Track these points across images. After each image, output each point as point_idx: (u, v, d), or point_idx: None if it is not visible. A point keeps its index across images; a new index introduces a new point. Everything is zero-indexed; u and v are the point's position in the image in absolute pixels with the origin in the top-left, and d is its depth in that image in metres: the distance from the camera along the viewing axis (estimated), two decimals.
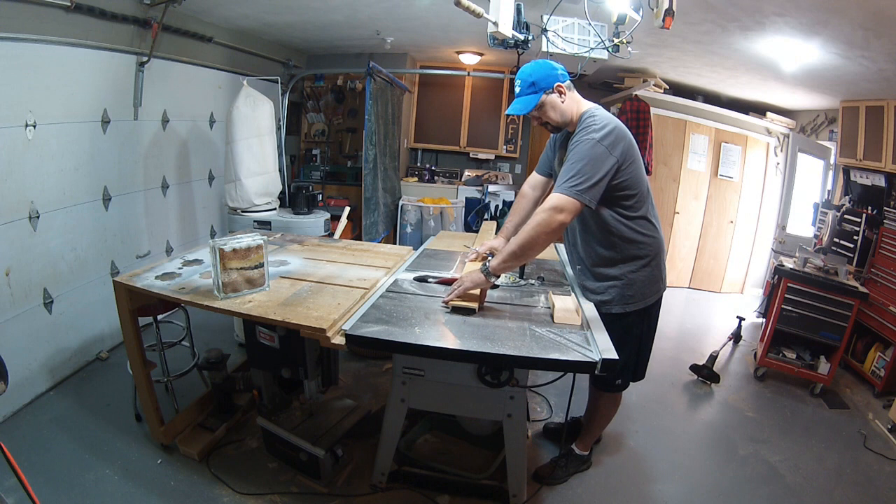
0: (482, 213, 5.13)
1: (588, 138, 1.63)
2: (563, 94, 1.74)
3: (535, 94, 1.73)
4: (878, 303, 3.16)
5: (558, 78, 1.74)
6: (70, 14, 2.41)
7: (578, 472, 2.20)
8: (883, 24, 2.38)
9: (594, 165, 1.60)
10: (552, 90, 1.73)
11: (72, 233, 2.69)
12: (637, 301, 1.83)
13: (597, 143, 1.61)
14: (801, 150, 4.81)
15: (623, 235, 1.77)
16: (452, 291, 1.72)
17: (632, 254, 1.79)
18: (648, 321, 1.91)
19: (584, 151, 1.62)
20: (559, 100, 1.74)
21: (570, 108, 1.77)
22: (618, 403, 2.12)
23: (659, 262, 1.86)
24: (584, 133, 1.66)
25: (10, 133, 2.28)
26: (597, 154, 1.61)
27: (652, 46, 3.53)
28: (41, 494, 1.38)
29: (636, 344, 1.91)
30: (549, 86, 1.73)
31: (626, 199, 1.73)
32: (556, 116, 1.77)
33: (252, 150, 3.21)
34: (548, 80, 1.73)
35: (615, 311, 1.83)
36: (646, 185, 1.78)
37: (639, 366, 1.98)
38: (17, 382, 2.35)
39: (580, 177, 1.59)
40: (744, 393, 3.12)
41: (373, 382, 2.83)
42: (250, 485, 1.98)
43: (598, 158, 1.61)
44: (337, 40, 4.55)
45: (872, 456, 2.53)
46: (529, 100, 1.74)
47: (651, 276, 1.83)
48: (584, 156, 1.61)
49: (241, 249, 1.77)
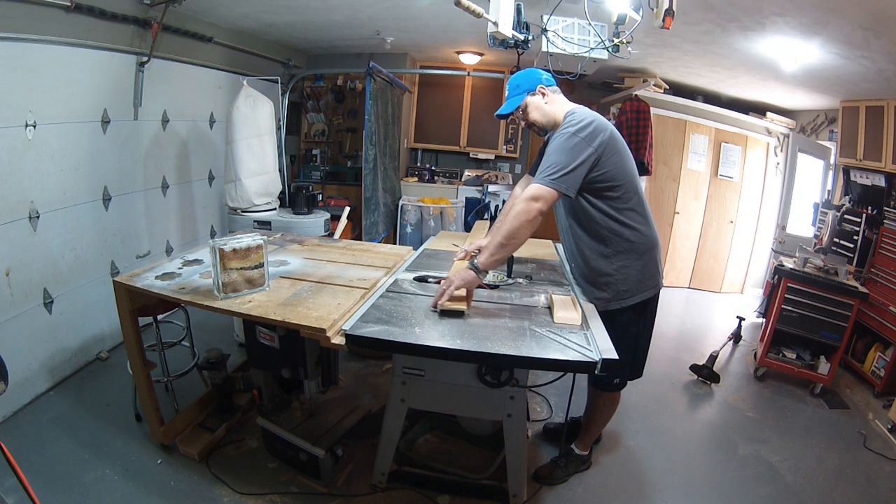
0: (482, 213, 5.12)
1: (564, 132, 1.71)
2: (545, 95, 1.86)
3: (519, 96, 1.87)
4: (878, 303, 3.17)
5: (541, 81, 1.87)
6: (70, 14, 2.41)
7: (578, 472, 2.20)
8: (883, 24, 2.38)
9: (569, 155, 1.66)
10: (535, 92, 1.86)
11: (72, 233, 2.69)
12: (632, 296, 1.84)
13: (572, 136, 1.68)
14: (801, 150, 4.81)
15: (612, 228, 1.80)
16: (441, 293, 1.67)
17: (623, 247, 1.81)
18: (645, 318, 1.92)
19: (559, 143, 1.70)
20: (542, 101, 1.86)
21: (554, 111, 1.86)
22: (616, 403, 2.13)
23: (653, 256, 1.87)
24: (561, 128, 1.75)
25: (10, 133, 2.28)
26: (571, 144, 1.67)
27: (652, 46, 3.53)
28: (41, 494, 1.38)
29: (633, 341, 1.92)
30: (531, 87, 1.86)
31: (610, 190, 1.76)
32: (540, 117, 1.87)
33: (252, 150, 3.21)
34: (530, 83, 1.86)
35: (611, 308, 1.85)
36: (634, 179, 1.81)
37: (636, 364, 1.99)
38: (17, 382, 2.35)
39: (555, 166, 1.66)
40: (744, 393, 3.12)
41: (373, 382, 2.83)
42: (250, 485, 1.98)
43: (572, 148, 1.67)
44: (337, 40, 4.55)
45: (872, 456, 2.53)
46: (514, 101, 1.88)
47: (645, 271, 1.84)
48: (559, 147, 1.69)
49: (241, 249, 1.77)
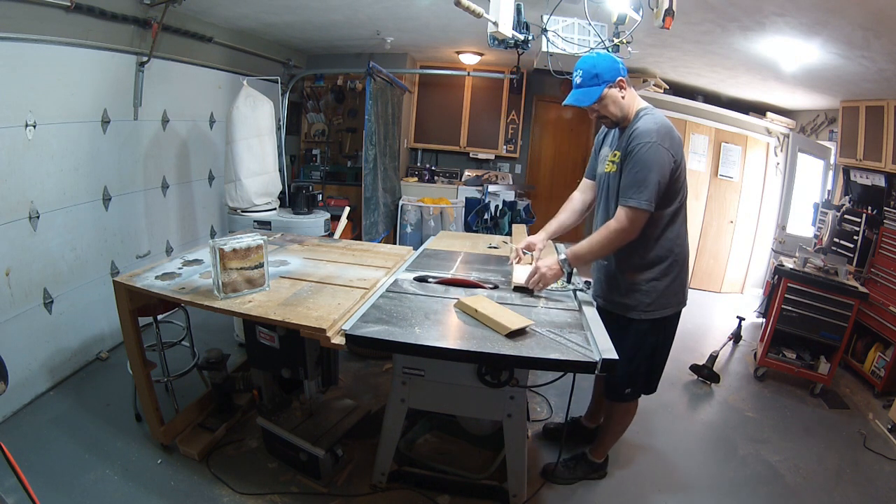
0: (482, 213, 5.12)
1: (649, 142, 1.62)
2: (624, 88, 1.73)
3: (598, 87, 1.69)
4: (878, 303, 3.17)
5: (620, 72, 1.71)
6: (70, 14, 2.41)
7: (589, 479, 2.16)
8: (883, 24, 2.38)
9: (658, 171, 1.62)
10: (614, 84, 1.70)
11: (72, 233, 2.69)
12: (654, 310, 1.80)
13: (657, 145, 1.62)
14: (801, 150, 4.81)
15: (650, 242, 1.76)
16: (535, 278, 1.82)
17: (657, 261, 1.77)
18: (664, 333, 1.88)
19: (648, 157, 1.62)
20: (619, 94, 1.72)
21: (629, 106, 1.75)
22: (632, 413, 2.08)
23: (682, 273, 1.82)
24: (643, 134, 1.65)
25: (10, 133, 2.28)
26: (660, 158, 1.62)
27: (652, 46, 3.53)
28: (41, 494, 1.38)
29: (649, 353, 1.88)
30: (612, 79, 1.70)
31: (666, 205, 1.71)
32: (616, 111, 1.74)
33: (252, 150, 3.21)
34: (611, 73, 1.69)
35: (631, 317, 1.82)
36: (686, 193, 1.78)
37: (651, 378, 1.95)
38: (17, 382, 2.34)
39: (648, 186, 1.61)
40: (744, 393, 3.12)
41: (373, 382, 2.83)
42: (250, 485, 1.98)
43: (661, 162, 1.62)
44: (337, 40, 4.55)
45: (872, 456, 2.53)
46: (592, 91, 1.70)
47: (671, 287, 1.80)
48: (650, 161, 1.62)
49: (241, 249, 1.77)
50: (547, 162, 6.46)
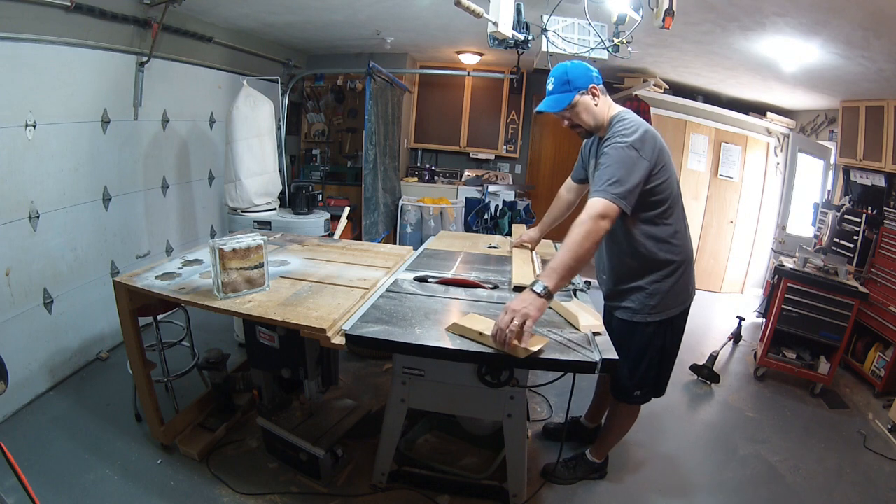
0: (482, 213, 5.13)
1: (620, 142, 1.59)
2: (597, 96, 1.71)
3: (569, 93, 1.69)
4: (878, 303, 3.17)
5: (593, 80, 1.70)
6: (70, 14, 2.41)
7: (588, 479, 2.16)
8: (883, 24, 2.38)
9: (628, 169, 1.55)
10: (586, 91, 1.69)
11: (72, 233, 2.69)
12: (659, 311, 1.78)
13: (628, 147, 1.57)
14: (801, 150, 4.81)
15: (648, 244, 1.72)
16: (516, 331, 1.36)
17: (658, 263, 1.74)
18: (672, 333, 1.86)
19: (617, 155, 1.57)
20: (592, 102, 1.71)
21: (603, 113, 1.73)
22: (635, 416, 2.06)
23: (686, 270, 1.80)
24: (614, 136, 1.63)
25: (10, 133, 2.28)
26: (630, 158, 1.56)
27: (652, 46, 3.53)
28: (41, 494, 1.38)
29: (657, 356, 1.86)
30: (583, 86, 1.69)
31: (654, 206, 1.68)
32: (589, 119, 1.73)
33: (252, 150, 3.21)
34: (583, 80, 1.69)
35: (636, 320, 1.80)
36: (678, 192, 1.74)
37: (660, 380, 1.93)
38: (17, 382, 2.35)
39: (616, 180, 1.54)
40: (744, 393, 3.12)
41: (373, 382, 2.83)
42: (250, 485, 1.98)
43: (631, 163, 1.56)
44: (337, 40, 4.55)
45: (872, 456, 2.53)
46: (562, 98, 1.69)
47: (676, 287, 1.78)
48: (618, 159, 1.56)
49: (241, 249, 1.77)
50: (547, 162, 6.46)
